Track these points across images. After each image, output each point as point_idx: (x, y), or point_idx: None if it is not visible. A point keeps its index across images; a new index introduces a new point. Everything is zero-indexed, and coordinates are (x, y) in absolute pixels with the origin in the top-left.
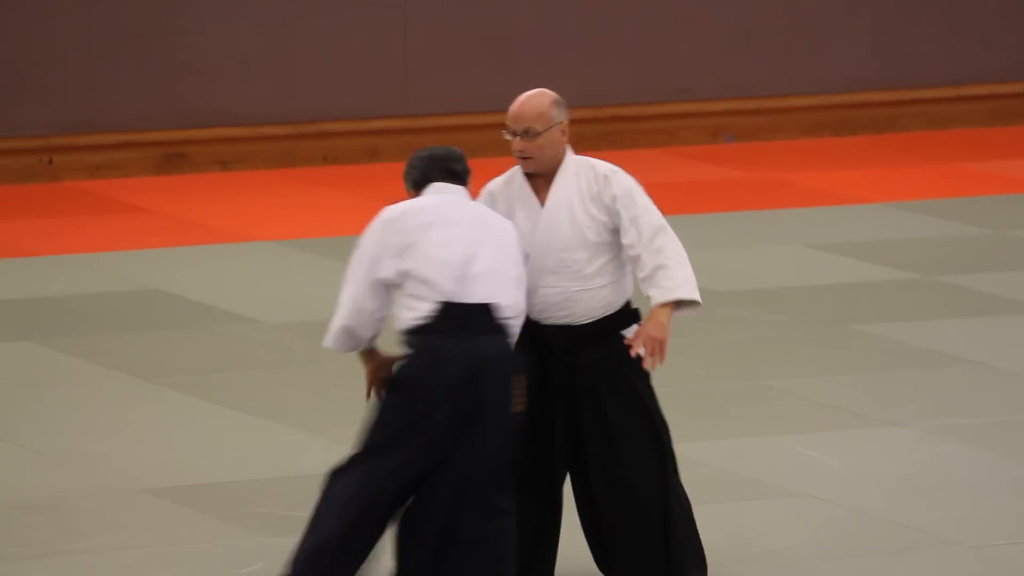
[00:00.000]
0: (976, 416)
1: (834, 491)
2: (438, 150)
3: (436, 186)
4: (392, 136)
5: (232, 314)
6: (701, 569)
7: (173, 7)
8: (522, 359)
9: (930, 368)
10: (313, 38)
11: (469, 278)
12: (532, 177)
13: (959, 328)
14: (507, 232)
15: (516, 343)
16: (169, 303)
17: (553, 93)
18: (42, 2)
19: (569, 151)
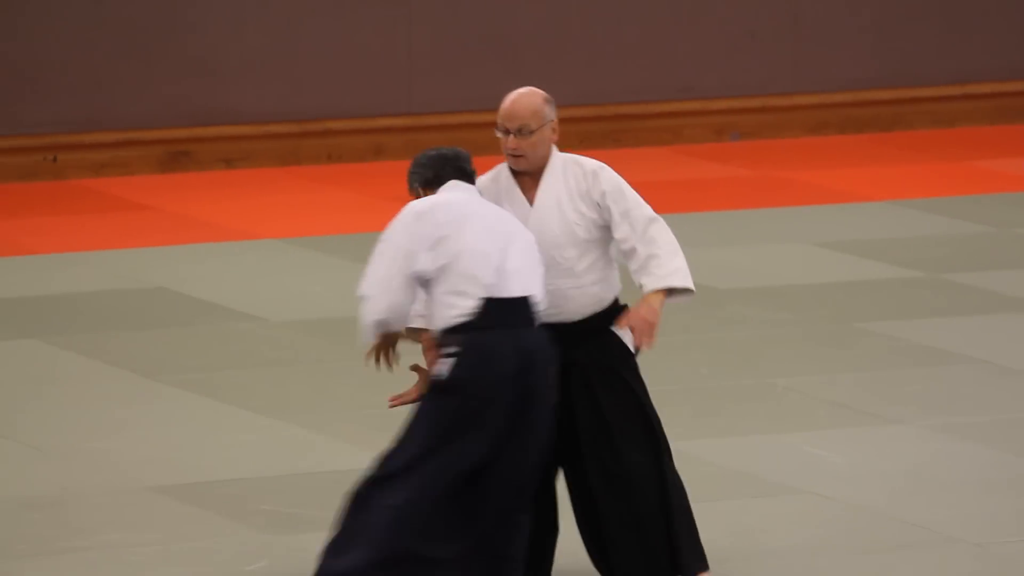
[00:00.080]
0: (980, 414)
1: (838, 488)
2: (445, 150)
3: (452, 184)
4: (396, 134)
5: (236, 312)
6: (702, 561)
7: (178, 6)
8: (555, 350)
9: (934, 366)
10: (317, 37)
11: (506, 271)
12: (519, 175)
13: (963, 326)
14: (524, 227)
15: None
16: (173, 301)
17: (542, 91)
18: (47, 1)
19: (554, 148)
